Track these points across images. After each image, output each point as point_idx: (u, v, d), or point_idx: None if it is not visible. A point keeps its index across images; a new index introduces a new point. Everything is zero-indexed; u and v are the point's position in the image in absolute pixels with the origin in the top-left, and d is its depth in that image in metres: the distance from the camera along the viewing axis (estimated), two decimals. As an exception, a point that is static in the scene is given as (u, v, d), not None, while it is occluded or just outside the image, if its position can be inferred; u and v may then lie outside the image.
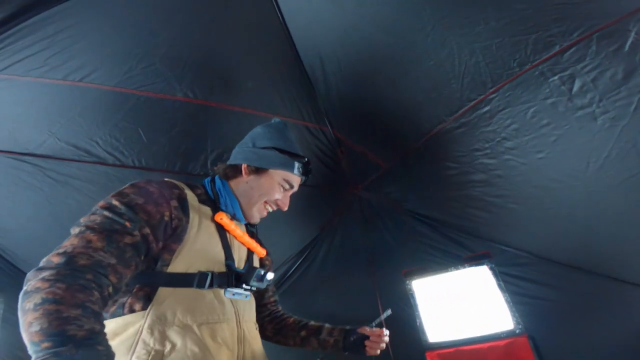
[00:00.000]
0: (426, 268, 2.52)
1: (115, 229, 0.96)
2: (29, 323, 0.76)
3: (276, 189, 1.31)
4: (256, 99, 1.98)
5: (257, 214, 1.34)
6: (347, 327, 1.48)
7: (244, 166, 1.32)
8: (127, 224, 0.98)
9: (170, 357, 0.98)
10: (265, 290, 1.53)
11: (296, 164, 1.31)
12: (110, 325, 1.00)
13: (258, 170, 1.31)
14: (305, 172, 1.35)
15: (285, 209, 1.36)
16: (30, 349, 0.75)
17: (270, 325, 1.52)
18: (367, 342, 1.41)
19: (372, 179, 2.49)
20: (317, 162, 2.31)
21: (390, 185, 2.46)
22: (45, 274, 0.82)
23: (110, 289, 0.91)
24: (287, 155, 1.32)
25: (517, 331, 2.23)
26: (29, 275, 0.84)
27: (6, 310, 1.92)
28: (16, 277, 1.99)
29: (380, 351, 1.44)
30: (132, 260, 0.97)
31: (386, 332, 1.42)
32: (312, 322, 1.51)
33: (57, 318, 0.76)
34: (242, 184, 1.32)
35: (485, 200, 2.11)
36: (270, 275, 1.27)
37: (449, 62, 1.66)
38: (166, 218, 1.06)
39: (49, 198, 1.91)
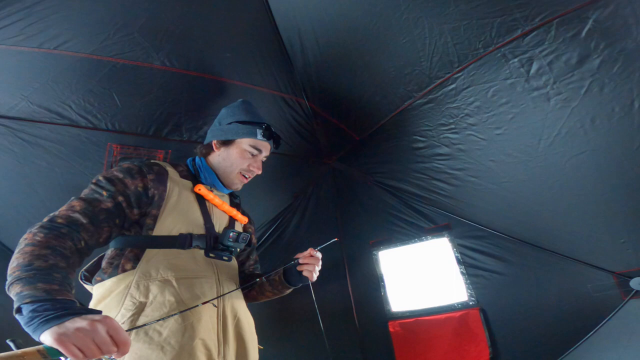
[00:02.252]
0: (392, 239, 2.64)
1: (94, 197, 1.18)
2: (11, 262, 0.95)
3: (245, 155, 1.49)
4: (234, 70, 2.01)
5: (236, 182, 1.52)
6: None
7: (213, 142, 1.52)
8: (104, 192, 1.19)
9: (151, 307, 1.14)
10: (247, 258, 1.68)
11: (258, 130, 1.49)
12: (107, 284, 1.19)
13: (226, 143, 1.51)
14: (269, 135, 1.51)
15: (259, 172, 1.54)
16: (7, 285, 0.92)
17: (242, 284, 1.63)
18: (300, 269, 1.43)
19: (345, 150, 2.58)
20: (293, 133, 2.38)
21: (362, 157, 2.57)
22: (33, 228, 1.02)
23: (83, 243, 1.08)
24: (248, 125, 1.50)
25: (471, 303, 2.37)
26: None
27: None
28: None
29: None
30: (104, 222, 1.16)
31: (317, 253, 1.43)
32: (268, 273, 1.59)
33: (30, 255, 0.94)
34: (216, 158, 1.52)
35: (449, 173, 2.26)
36: (244, 236, 1.43)
37: (420, 41, 1.74)
38: (140, 189, 1.25)
39: (19, 159, 1.90)
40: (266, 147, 1.53)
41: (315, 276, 1.44)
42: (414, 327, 2.48)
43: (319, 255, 1.45)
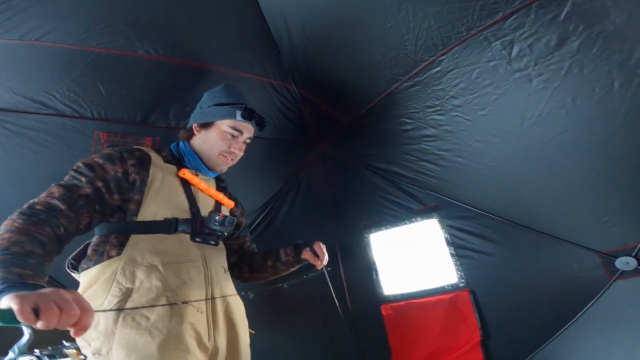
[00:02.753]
0: (382, 221, 2.69)
1: (73, 183, 1.19)
2: None
3: (225, 137, 1.50)
4: (220, 57, 2.03)
5: (220, 163, 1.53)
6: (295, 243, 1.69)
7: (194, 126, 1.55)
8: (83, 179, 1.21)
9: (138, 292, 1.16)
10: (244, 241, 1.76)
11: (237, 111, 1.50)
12: (93, 271, 1.21)
13: (205, 126, 1.53)
14: (249, 116, 1.52)
15: (241, 153, 1.56)
16: None
17: (247, 266, 1.71)
18: (306, 255, 1.63)
19: (335, 134, 2.62)
20: (282, 118, 2.41)
21: (352, 140, 2.61)
22: (13, 215, 1.04)
23: (62, 230, 1.09)
24: (227, 106, 1.52)
25: (460, 285, 2.41)
26: None
27: None
28: None
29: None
30: (83, 208, 1.17)
31: (323, 246, 1.64)
32: (270, 251, 1.72)
33: (7, 241, 0.95)
34: (197, 141, 1.54)
35: (436, 154, 2.30)
36: (230, 219, 1.48)
37: (404, 25, 1.77)
38: (119, 174, 1.26)
39: (6, 149, 1.92)
40: (247, 128, 1.54)
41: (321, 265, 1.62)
42: (405, 310, 2.52)
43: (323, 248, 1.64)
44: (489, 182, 2.26)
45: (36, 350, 0.82)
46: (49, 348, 0.79)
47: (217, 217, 1.42)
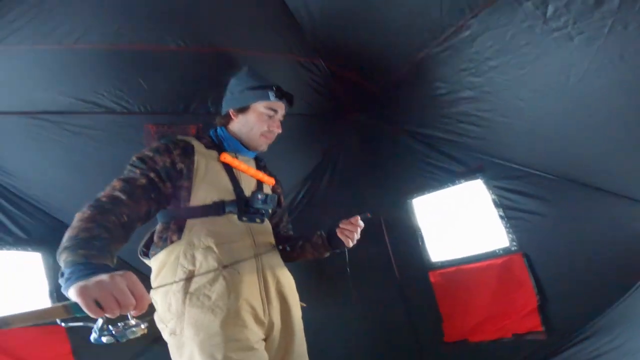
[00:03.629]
0: (425, 185, 2.69)
1: (130, 176, 1.31)
2: (63, 237, 1.08)
3: (263, 118, 1.58)
4: (247, 41, 2.11)
5: (261, 143, 1.63)
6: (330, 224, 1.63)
7: (230, 111, 1.62)
8: (137, 171, 1.32)
9: (198, 272, 1.29)
10: (280, 220, 1.79)
11: (269, 92, 1.57)
12: (160, 256, 1.36)
13: (242, 110, 1.61)
14: (280, 95, 1.59)
15: (279, 130, 1.64)
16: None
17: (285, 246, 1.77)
18: (339, 232, 1.50)
19: (367, 104, 2.64)
20: (312, 93, 2.47)
21: (385, 109, 2.62)
22: (83, 208, 1.16)
23: (125, 217, 1.20)
24: (259, 89, 1.59)
25: (513, 248, 2.36)
26: None
27: (55, 261, 2.13)
28: (56, 227, 2.22)
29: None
30: (141, 198, 1.27)
31: (360, 222, 1.50)
32: (305, 234, 1.69)
33: (77, 229, 1.07)
34: (236, 125, 1.62)
35: (476, 115, 2.26)
36: (272, 197, 1.54)
37: None
38: (167, 164, 1.37)
39: (69, 148, 2.14)
40: (281, 107, 1.62)
41: (351, 243, 1.51)
42: (455, 276, 2.53)
43: (361, 224, 1.51)
44: (536, 139, 2.20)
45: (111, 328, 0.91)
46: (119, 326, 0.95)
47: (259, 196, 1.49)
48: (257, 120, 1.58)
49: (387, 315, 2.71)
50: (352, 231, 1.49)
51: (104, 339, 0.90)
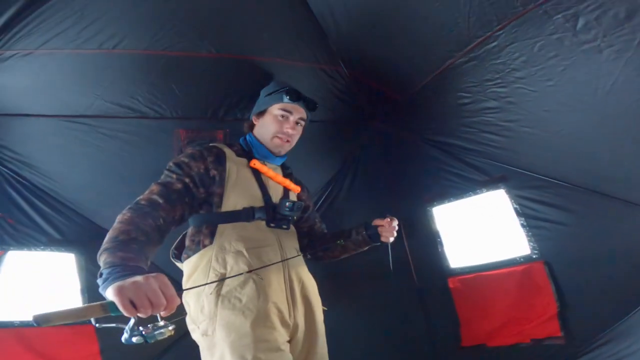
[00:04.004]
0: (446, 194, 2.66)
1: (167, 180, 1.38)
2: (105, 238, 1.14)
3: (276, 119, 1.65)
4: (273, 49, 2.14)
5: (277, 145, 1.66)
6: (363, 223, 1.72)
7: (253, 117, 1.75)
8: (174, 176, 1.39)
9: (229, 275, 1.34)
10: (314, 222, 1.87)
11: (283, 95, 1.65)
12: (193, 260, 1.41)
13: (260, 114, 1.72)
14: (294, 96, 1.65)
15: (294, 132, 1.67)
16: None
17: (319, 245, 1.80)
18: (380, 231, 1.64)
19: (390, 112, 2.64)
20: (336, 100, 2.48)
21: (406, 116, 2.61)
22: (124, 210, 1.23)
23: (161, 221, 1.26)
24: (274, 93, 1.67)
25: (534, 256, 2.32)
26: None
27: (87, 261, 2.21)
28: (90, 229, 2.27)
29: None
30: (177, 202, 1.34)
31: (395, 221, 1.65)
32: (341, 231, 1.80)
33: (117, 230, 1.13)
34: (257, 130, 1.72)
35: (500, 125, 2.23)
36: (299, 205, 1.60)
37: (454, 3, 1.73)
38: (202, 170, 1.44)
39: (104, 152, 2.20)
40: (296, 109, 1.67)
41: (391, 239, 1.65)
42: (474, 282, 2.51)
43: (396, 222, 1.65)
44: (561, 150, 2.16)
45: (141, 328, 0.93)
46: (149, 327, 0.94)
47: (287, 204, 1.53)
48: (271, 122, 1.65)
49: (404, 319, 2.69)
50: (390, 230, 1.62)
51: (134, 339, 0.93)
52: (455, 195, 2.64)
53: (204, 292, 1.32)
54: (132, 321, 0.92)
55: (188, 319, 1.39)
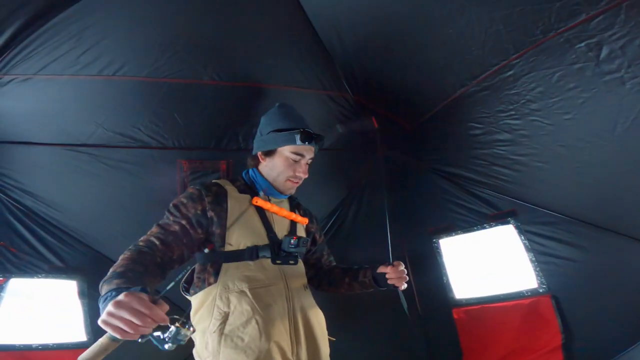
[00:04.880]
0: (453, 226, 2.53)
1: (165, 222, 1.36)
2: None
3: (288, 162, 1.52)
4: (278, 75, 2.04)
5: (287, 187, 1.56)
6: (367, 266, 1.64)
7: (259, 154, 1.57)
8: (171, 218, 1.36)
9: (233, 315, 1.31)
10: (321, 255, 1.78)
11: (296, 136, 1.49)
12: (199, 296, 1.38)
13: (269, 153, 1.55)
14: (308, 139, 1.50)
15: (306, 176, 1.56)
16: None
17: (326, 280, 1.74)
18: (389, 278, 1.52)
19: (397, 139, 2.51)
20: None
21: (415, 145, 2.49)
22: (125, 251, 1.23)
23: (159, 259, 1.26)
24: (285, 132, 1.52)
25: (541, 290, 2.22)
26: None
27: (89, 287, 2.12)
28: (92, 256, 2.17)
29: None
30: (173, 242, 1.32)
31: (401, 265, 1.54)
32: (349, 267, 1.71)
33: (118, 266, 1.14)
34: (264, 168, 1.57)
35: (511, 159, 2.10)
36: (304, 240, 1.50)
37: (468, 30, 1.61)
38: (199, 211, 1.38)
39: (106, 182, 2.10)
40: (308, 150, 1.54)
41: (404, 286, 1.53)
42: (479, 314, 2.41)
43: (403, 268, 1.54)
44: (576, 186, 2.03)
45: (165, 336, 0.96)
46: (170, 333, 0.96)
47: (291, 241, 1.45)
48: (283, 165, 1.52)
49: (408, 349, 2.59)
50: (399, 276, 1.51)
51: (167, 347, 0.96)
52: (463, 228, 2.51)
53: (208, 329, 1.30)
54: (155, 334, 0.95)
55: (195, 353, 1.38)
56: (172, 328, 0.96)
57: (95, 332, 2.02)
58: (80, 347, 1.97)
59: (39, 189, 2.05)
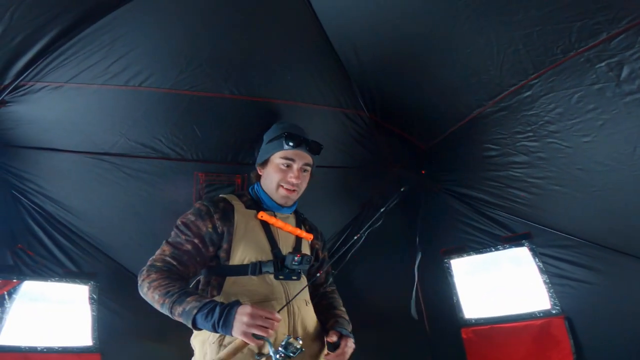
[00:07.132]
0: (465, 247, 2.43)
1: (177, 241, 1.37)
2: (152, 297, 1.23)
3: (278, 169, 1.50)
4: (295, 91, 2.03)
5: (281, 195, 1.51)
6: (333, 322, 1.54)
7: (257, 167, 1.62)
8: (183, 237, 1.37)
9: None
10: (324, 281, 1.72)
11: (282, 140, 1.49)
12: None
13: (263, 164, 1.57)
14: (294, 142, 1.47)
15: (297, 181, 1.50)
16: (162, 309, 1.22)
17: (316, 304, 1.66)
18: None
19: (411, 159, 2.46)
20: (356, 145, 2.32)
21: (429, 165, 2.43)
22: (144, 271, 1.30)
23: (178, 276, 1.31)
24: (274, 140, 1.53)
25: (554, 311, 2.12)
26: (139, 275, 1.32)
27: (101, 293, 2.04)
28: (106, 263, 2.12)
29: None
30: (188, 261, 1.35)
31: (345, 344, 1.45)
32: (331, 312, 1.61)
33: (160, 287, 1.22)
34: (264, 181, 1.57)
35: (527, 181, 2.01)
36: (307, 258, 1.49)
37: (487, 50, 1.58)
38: (209, 229, 1.39)
39: (125, 190, 2.07)
40: (299, 155, 1.50)
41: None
42: (489, 334, 2.31)
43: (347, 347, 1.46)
44: (594, 210, 1.92)
45: (280, 350, 1.13)
46: (281, 350, 1.14)
47: (295, 258, 1.44)
48: (274, 172, 1.51)
49: None
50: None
51: (278, 357, 1.12)
52: (475, 250, 2.40)
53: (208, 340, 1.29)
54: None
55: None
56: (283, 342, 1.13)
57: (101, 337, 1.96)
58: (85, 351, 1.94)
59: (60, 195, 2.03)
